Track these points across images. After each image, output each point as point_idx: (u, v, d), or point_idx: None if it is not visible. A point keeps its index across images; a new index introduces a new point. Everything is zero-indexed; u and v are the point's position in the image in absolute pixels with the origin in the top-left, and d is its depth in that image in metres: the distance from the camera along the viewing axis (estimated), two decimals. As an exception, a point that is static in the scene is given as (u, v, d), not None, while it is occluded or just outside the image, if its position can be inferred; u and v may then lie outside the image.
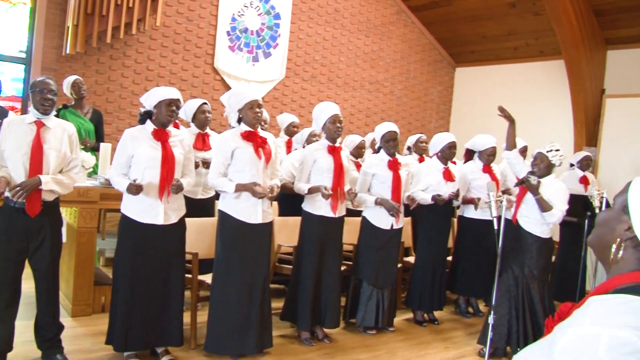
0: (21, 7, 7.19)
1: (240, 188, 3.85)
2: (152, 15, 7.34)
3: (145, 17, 7.23)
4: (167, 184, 3.65)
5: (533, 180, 4.47)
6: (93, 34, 6.96)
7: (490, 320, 3.89)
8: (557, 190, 4.51)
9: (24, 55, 7.21)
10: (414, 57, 10.37)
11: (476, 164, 5.60)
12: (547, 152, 4.55)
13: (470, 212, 5.57)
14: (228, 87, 8.26)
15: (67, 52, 6.96)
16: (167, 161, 3.64)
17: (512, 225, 4.47)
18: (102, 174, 4.82)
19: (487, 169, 5.55)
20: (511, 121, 4.76)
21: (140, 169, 3.63)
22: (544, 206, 4.40)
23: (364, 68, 9.77)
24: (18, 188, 3.28)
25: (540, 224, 4.50)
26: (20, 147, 3.36)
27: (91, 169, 4.90)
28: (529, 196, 4.51)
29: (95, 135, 5.74)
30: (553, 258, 6.73)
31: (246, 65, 8.45)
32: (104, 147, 5.04)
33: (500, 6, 8.98)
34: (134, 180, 3.56)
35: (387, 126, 4.82)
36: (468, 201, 5.46)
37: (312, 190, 4.41)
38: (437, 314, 5.53)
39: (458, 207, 5.77)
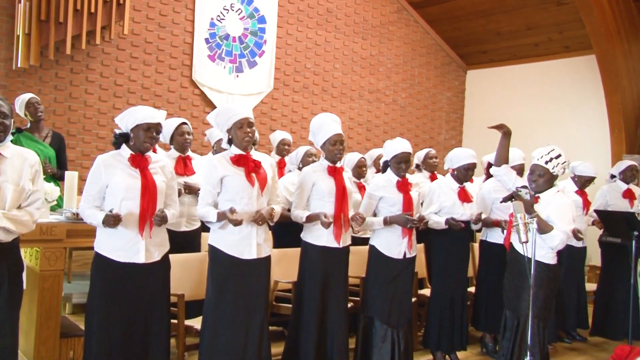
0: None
1: (221, 216, 3.87)
2: (119, 22, 7.39)
3: (110, 25, 7.28)
4: (149, 216, 3.64)
5: (525, 194, 4.21)
6: (49, 45, 6.97)
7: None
8: (559, 206, 4.29)
9: (-31, 71, 7.20)
10: (418, 60, 10.46)
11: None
12: (546, 163, 4.32)
13: (494, 236, 5.54)
14: (209, 103, 8.31)
15: (19, 65, 6.96)
16: (148, 190, 3.64)
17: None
18: (68, 207, 4.79)
19: (512, 187, 5.55)
20: (505, 133, 4.72)
21: (117, 201, 3.61)
22: (542, 227, 4.16)
23: (362, 75, 9.84)
24: None
25: (541, 246, 4.22)
26: None
27: (55, 202, 4.86)
28: None
29: (57, 163, 5.71)
30: (593, 286, 6.74)
31: (229, 77, 8.51)
32: (70, 175, 5.01)
33: (515, -2, 9.01)
34: (110, 211, 3.54)
35: (400, 145, 4.76)
36: (493, 224, 5.44)
37: (310, 218, 4.41)
38: (460, 354, 5.48)
39: (478, 230, 5.77)
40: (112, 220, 3.52)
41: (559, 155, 4.31)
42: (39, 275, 4.38)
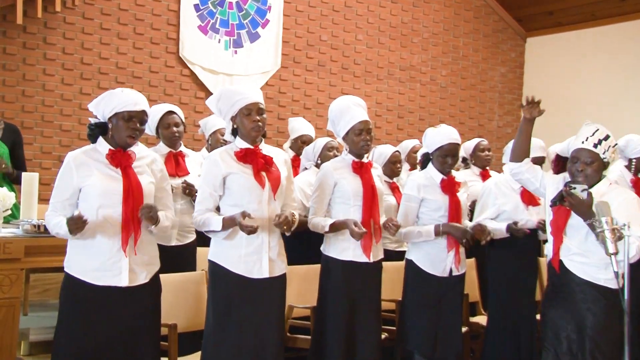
0: None
1: (227, 222, 3.87)
2: (85, -17, 7.47)
3: (74, -13, 7.35)
4: (134, 226, 3.66)
5: (580, 192, 3.87)
6: (-7, 12, 7.03)
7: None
8: (624, 203, 3.87)
9: None
10: (463, 27, 10.48)
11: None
12: (595, 146, 3.96)
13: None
14: (201, 86, 8.40)
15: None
16: (132, 195, 3.64)
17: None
18: (26, 217, 4.84)
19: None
20: (530, 117, 4.24)
21: (93, 208, 3.63)
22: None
23: (392, 48, 9.87)
24: None
25: (605, 265, 3.81)
26: None
27: (9, 212, 4.92)
28: (574, 222, 3.96)
29: (12, 162, 5.76)
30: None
31: (225, 53, 8.58)
32: (28, 177, 5.05)
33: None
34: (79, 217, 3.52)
35: (447, 134, 4.75)
36: None
37: (335, 227, 4.42)
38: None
39: (546, 240, 5.77)
40: (74, 224, 3.48)
41: (608, 137, 3.98)
42: (-11, 305, 4.44)
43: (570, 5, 10.12)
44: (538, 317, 5.69)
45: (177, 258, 4.83)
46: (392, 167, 5.87)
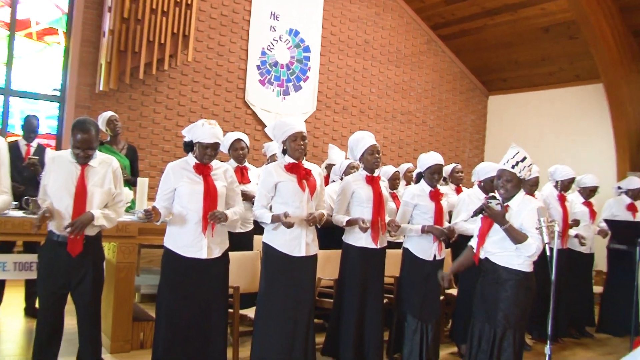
0: (55, 47, 7.45)
1: (274, 218, 3.89)
2: (184, 51, 7.54)
3: (176, 53, 7.43)
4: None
5: (496, 205, 3.67)
6: (126, 71, 7.16)
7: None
8: (531, 212, 3.68)
9: (58, 94, 7.43)
10: (445, 86, 10.44)
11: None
12: (513, 167, 3.75)
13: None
14: (259, 121, 8.41)
15: (101, 89, 7.17)
16: (209, 194, 3.67)
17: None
18: (139, 208, 4.87)
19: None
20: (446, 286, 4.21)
21: (184, 203, 3.67)
22: (517, 237, 3.62)
23: (395, 99, 9.85)
24: (74, 225, 3.33)
25: (517, 255, 3.68)
26: (65, 185, 3.41)
27: (129, 204, 4.96)
28: (494, 229, 3.74)
29: (131, 171, 5.83)
30: (599, 289, 6.67)
31: (277, 99, 8.59)
32: (141, 181, 5.10)
33: (533, 31, 9.03)
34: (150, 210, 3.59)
35: (434, 158, 4.76)
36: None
37: (350, 222, 4.41)
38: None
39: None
40: (146, 217, 3.56)
41: (525, 158, 3.76)
42: (115, 266, 4.48)
43: (517, 75, 10.17)
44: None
45: (240, 241, 4.85)
46: (392, 182, 5.84)
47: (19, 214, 4.16)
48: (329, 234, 5.01)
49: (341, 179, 5.60)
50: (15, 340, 4.82)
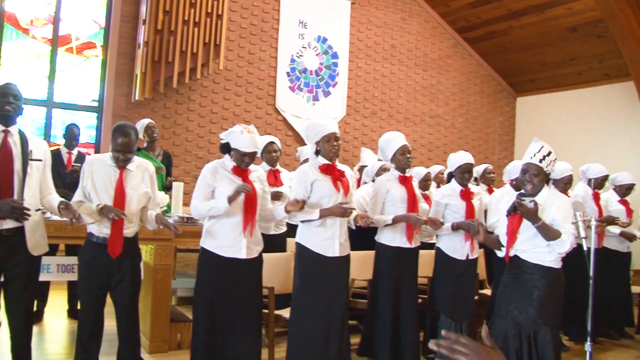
0: (93, 60, 7.56)
1: (325, 212, 3.80)
2: (215, 60, 7.57)
3: (208, 62, 7.47)
4: (251, 218, 3.65)
5: (529, 203, 3.50)
6: (160, 80, 7.22)
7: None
8: (561, 207, 3.52)
9: (96, 104, 7.53)
10: (473, 89, 10.30)
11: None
12: (540, 161, 3.59)
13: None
14: (290, 127, 8.41)
15: (136, 98, 7.24)
16: (250, 196, 3.63)
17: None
18: (175, 212, 4.90)
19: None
20: (482, 241, 3.90)
21: None
22: (550, 234, 3.45)
23: (423, 102, 9.75)
24: (114, 212, 3.34)
25: (549, 252, 3.52)
26: (104, 187, 3.44)
27: (165, 208, 4.98)
28: (524, 226, 3.57)
29: (167, 176, 5.87)
30: (638, 289, 6.45)
31: (307, 105, 8.58)
32: (176, 185, 5.12)
33: (560, 31, 8.86)
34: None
35: (464, 157, 4.67)
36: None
37: (397, 220, 4.30)
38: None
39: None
40: (242, 189, 3.50)
41: (550, 153, 3.61)
42: (152, 268, 4.49)
43: (544, 76, 9.96)
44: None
45: (274, 242, 4.81)
46: (424, 183, 5.75)
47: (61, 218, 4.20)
48: (362, 235, 4.96)
49: (372, 180, 5.55)
50: (59, 340, 4.87)
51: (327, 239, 3.87)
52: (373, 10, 9.27)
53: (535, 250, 3.55)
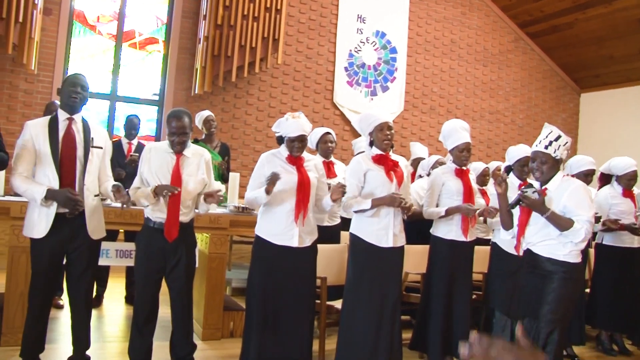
0: (155, 55, 7.72)
1: (377, 202, 3.74)
2: (274, 54, 7.60)
3: (267, 57, 7.50)
4: (303, 206, 3.65)
5: (532, 193, 3.31)
6: (219, 74, 7.32)
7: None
8: (573, 192, 3.30)
9: (157, 98, 7.69)
10: (534, 84, 9.98)
11: (615, 188, 5.17)
12: (546, 147, 3.35)
13: (610, 240, 5.13)
14: (347, 122, 8.35)
15: (196, 92, 7.36)
16: (303, 185, 3.64)
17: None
18: (231, 202, 4.94)
19: (627, 194, 5.12)
20: (501, 191, 3.61)
21: (278, 191, 3.62)
22: (561, 224, 3.24)
23: (483, 98, 9.52)
24: (167, 189, 3.39)
25: (563, 244, 3.28)
26: (161, 172, 3.50)
27: (221, 198, 5.02)
28: (534, 217, 3.40)
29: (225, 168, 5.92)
30: None
31: (364, 100, 8.50)
32: (233, 176, 5.18)
33: (629, 23, 8.44)
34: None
35: (523, 150, 4.51)
36: (621, 227, 4.96)
37: (450, 211, 4.20)
38: (577, 350, 5.07)
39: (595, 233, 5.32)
40: (272, 177, 3.49)
41: (559, 137, 3.36)
42: (207, 256, 4.54)
43: (611, 71, 9.53)
44: (586, 290, 5.31)
45: (328, 234, 4.75)
46: (482, 179, 5.57)
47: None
48: (417, 228, 4.86)
49: (428, 174, 5.43)
50: (116, 323, 5.00)
51: (381, 229, 3.80)
52: (432, 4, 9.11)
53: (546, 242, 3.35)
